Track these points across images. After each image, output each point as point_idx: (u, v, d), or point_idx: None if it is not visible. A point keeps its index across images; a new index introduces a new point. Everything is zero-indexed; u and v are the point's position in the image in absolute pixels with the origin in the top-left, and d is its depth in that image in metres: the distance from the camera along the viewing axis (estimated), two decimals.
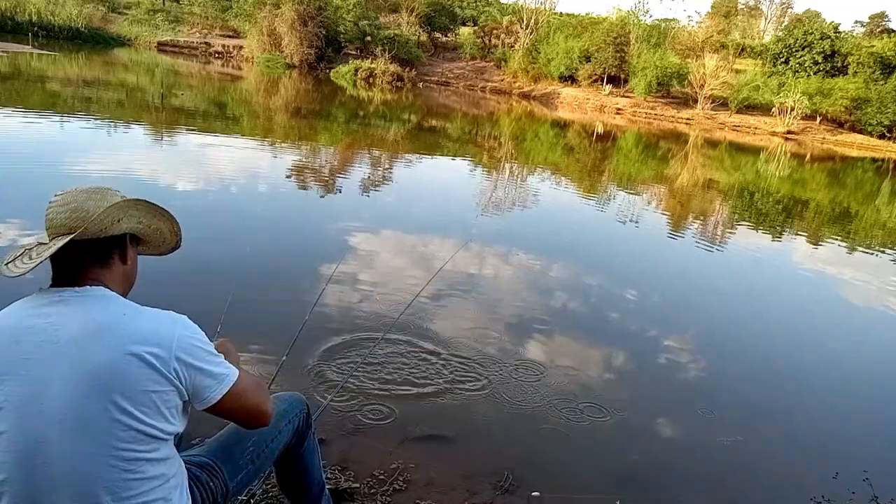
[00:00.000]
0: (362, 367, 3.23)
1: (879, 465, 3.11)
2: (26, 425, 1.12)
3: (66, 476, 1.13)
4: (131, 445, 1.16)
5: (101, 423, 1.13)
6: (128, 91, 16.56)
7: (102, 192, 1.27)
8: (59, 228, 1.22)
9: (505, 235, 6.95)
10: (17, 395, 1.12)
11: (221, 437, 1.62)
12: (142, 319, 1.21)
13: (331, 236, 5.97)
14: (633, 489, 2.69)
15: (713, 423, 3.42)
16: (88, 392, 1.13)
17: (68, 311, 1.18)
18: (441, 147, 14.74)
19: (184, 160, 8.56)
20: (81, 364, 1.13)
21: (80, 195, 1.25)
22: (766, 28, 54.56)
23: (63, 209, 1.22)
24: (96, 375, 1.13)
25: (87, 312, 1.18)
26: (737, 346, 4.66)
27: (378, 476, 2.45)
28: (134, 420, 1.15)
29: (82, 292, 1.21)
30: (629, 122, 29.23)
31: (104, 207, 1.23)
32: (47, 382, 1.12)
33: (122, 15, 35.96)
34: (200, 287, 4.01)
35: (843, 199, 14.46)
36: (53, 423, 1.12)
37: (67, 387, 1.12)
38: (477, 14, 44.41)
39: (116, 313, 1.20)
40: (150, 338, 1.18)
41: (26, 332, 1.16)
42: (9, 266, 1.23)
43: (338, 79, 30.29)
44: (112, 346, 1.15)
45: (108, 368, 1.14)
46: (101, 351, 1.14)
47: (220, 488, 1.50)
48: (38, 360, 1.14)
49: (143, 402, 1.16)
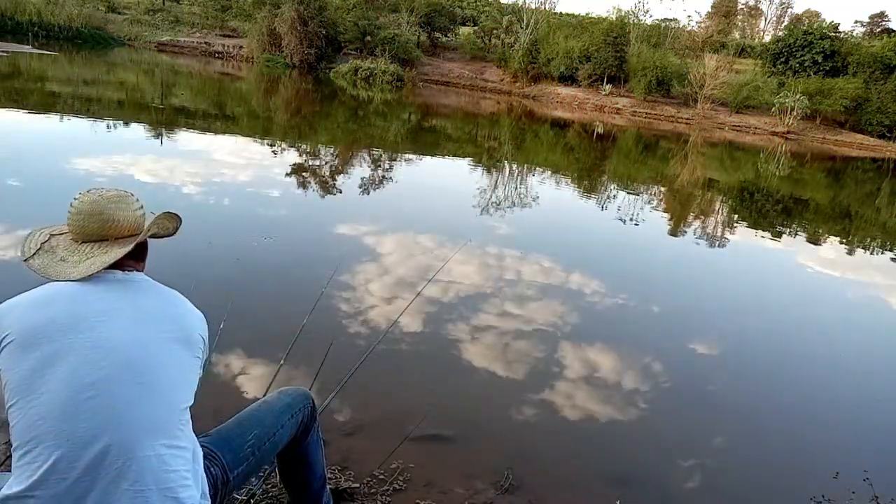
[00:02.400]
0: (362, 367, 3.23)
1: (879, 465, 3.11)
2: (89, 367, 1.23)
3: (116, 415, 1.22)
4: (185, 393, 1.35)
5: (165, 372, 1.31)
6: (128, 91, 16.56)
7: (123, 198, 1.43)
8: (91, 235, 1.38)
9: (505, 235, 6.95)
10: (83, 346, 1.24)
11: (223, 428, 1.64)
12: (184, 299, 1.46)
13: (330, 236, 5.97)
14: (633, 489, 2.69)
15: (713, 423, 3.42)
16: (157, 342, 1.32)
17: (126, 287, 1.37)
18: (441, 147, 14.74)
19: (183, 160, 8.55)
20: (148, 324, 1.33)
21: (103, 203, 1.39)
22: (766, 28, 54.59)
23: (94, 219, 1.38)
24: (161, 331, 1.34)
25: (145, 286, 1.41)
26: (736, 346, 4.65)
27: (378, 476, 2.45)
28: (187, 369, 1.36)
29: (129, 276, 1.41)
30: (629, 121, 29.23)
31: (131, 215, 1.42)
32: (113, 339, 1.27)
33: (122, 15, 35.94)
34: (201, 288, 4.01)
35: (844, 200, 14.47)
36: (118, 367, 1.25)
37: (133, 340, 1.29)
38: (477, 14, 44.39)
39: (166, 292, 1.44)
40: (196, 317, 1.45)
41: (91, 303, 1.30)
42: (57, 267, 1.35)
43: (337, 79, 30.29)
44: (178, 309, 1.41)
45: (175, 321, 1.38)
46: (170, 309, 1.39)
47: (220, 475, 1.51)
48: (107, 322, 1.29)
49: (193, 355, 1.39)
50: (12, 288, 1.37)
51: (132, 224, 1.41)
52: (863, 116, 31.37)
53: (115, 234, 1.38)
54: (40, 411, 1.18)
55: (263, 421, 1.66)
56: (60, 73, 19.20)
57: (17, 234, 4.64)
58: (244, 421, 1.66)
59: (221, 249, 4.98)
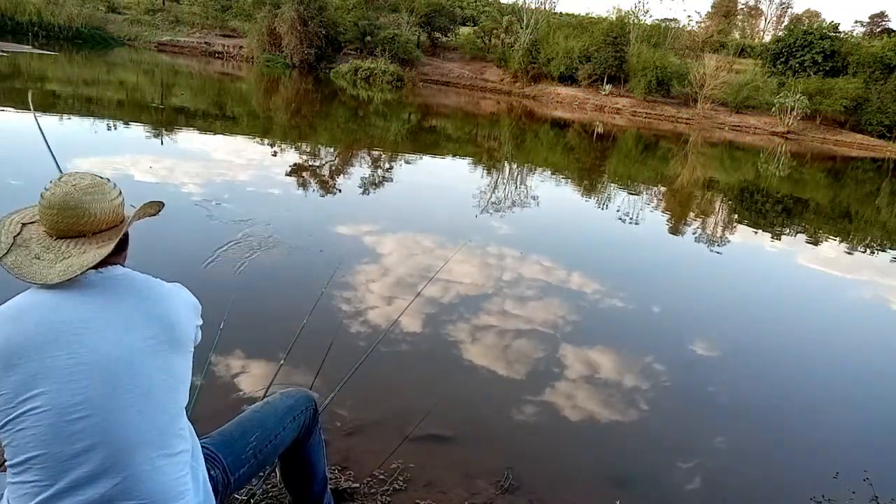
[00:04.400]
0: (362, 366, 3.22)
1: (879, 465, 3.11)
2: (72, 386, 1.16)
3: (107, 432, 1.17)
4: (176, 398, 1.28)
5: (153, 381, 1.24)
6: (128, 91, 16.55)
7: (98, 187, 1.29)
8: (65, 231, 1.26)
9: (505, 235, 6.95)
10: (64, 364, 1.17)
11: (224, 430, 1.62)
12: (169, 290, 1.35)
13: (331, 236, 5.97)
14: (633, 489, 2.69)
15: (713, 423, 3.42)
16: (140, 351, 1.23)
17: (107, 288, 1.27)
18: (441, 147, 14.73)
19: (183, 160, 8.55)
20: (130, 331, 1.23)
21: (77, 195, 1.25)
22: (766, 28, 54.58)
23: (67, 213, 1.25)
24: (146, 338, 1.24)
25: (127, 285, 1.30)
26: (736, 346, 4.65)
27: (378, 476, 2.45)
28: (176, 376, 1.29)
29: (105, 272, 1.29)
30: (629, 121, 29.22)
31: (108, 206, 1.29)
32: (96, 351, 1.19)
33: (122, 15, 35.92)
34: (201, 287, 4.01)
35: (844, 200, 14.46)
36: (103, 383, 1.18)
37: (116, 351, 1.20)
38: (477, 14, 44.36)
39: (153, 282, 1.34)
40: (188, 302, 1.38)
41: (67, 311, 1.21)
42: (32, 267, 1.23)
43: (337, 79, 30.28)
44: (164, 306, 1.30)
45: (158, 331, 1.26)
46: (147, 319, 1.26)
47: (220, 477, 1.50)
48: (86, 334, 1.20)
49: (184, 355, 1.32)
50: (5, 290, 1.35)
51: (110, 216, 1.29)
52: (863, 116, 31.35)
53: (93, 229, 1.27)
54: (28, 434, 1.14)
55: (265, 423, 1.65)
56: (60, 73, 19.19)
57: None
58: (246, 423, 1.64)
59: (222, 250, 4.98)
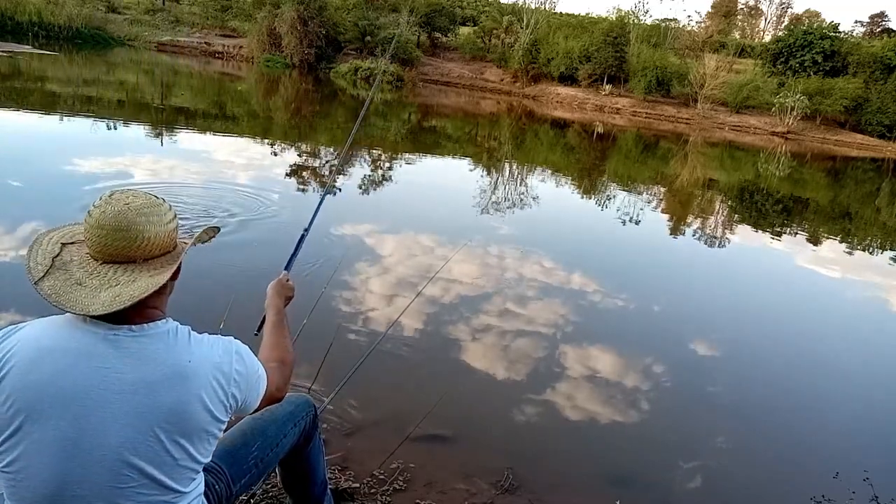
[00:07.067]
0: (362, 366, 3.23)
1: (879, 465, 3.11)
2: (67, 465, 1.07)
3: None
4: (180, 478, 1.17)
5: (157, 461, 1.12)
6: (128, 91, 16.55)
7: (154, 208, 1.16)
8: (114, 256, 1.13)
9: (505, 235, 6.95)
10: (61, 435, 1.07)
11: (226, 440, 1.60)
12: (205, 362, 1.17)
13: (331, 236, 5.96)
14: (633, 489, 2.69)
15: (713, 423, 3.42)
16: (146, 433, 1.10)
17: (129, 356, 1.11)
18: (441, 147, 14.73)
19: (183, 160, 8.55)
20: (141, 409, 1.09)
21: (131, 216, 1.12)
22: (766, 28, 54.58)
23: (119, 236, 1.11)
24: (158, 420, 1.10)
25: (150, 359, 1.12)
26: (736, 346, 4.65)
27: (378, 476, 2.45)
28: (188, 457, 1.16)
29: (140, 332, 1.13)
30: (629, 121, 29.22)
31: (163, 230, 1.16)
32: (101, 426, 1.08)
33: (122, 15, 35.92)
34: (201, 287, 4.01)
35: (844, 200, 14.46)
36: (98, 464, 1.08)
37: (123, 431, 1.08)
38: (477, 14, 44.35)
39: (181, 359, 1.14)
40: (213, 381, 1.17)
41: (81, 375, 1.08)
42: (72, 294, 1.09)
43: (337, 79, 30.27)
44: (177, 395, 1.12)
45: (171, 413, 1.11)
46: (166, 398, 1.11)
47: (224, 491, 1.50)
48: (95, 405, 1.07)
49: (200, 439, 1.17)
50: (12, 297, 1.33)
51: (164, 241, 1.16)
52: (863, 116, 31.34)
53: (144, 255, 1.14)
54: (27, 488, 1.09)
55: (266, 431, 1.65)
56: (60, 73, 19.18)
57: (18, 234, 4.64)
58: (247, 431, 1.63)
59: (221, 249, 4.97)
